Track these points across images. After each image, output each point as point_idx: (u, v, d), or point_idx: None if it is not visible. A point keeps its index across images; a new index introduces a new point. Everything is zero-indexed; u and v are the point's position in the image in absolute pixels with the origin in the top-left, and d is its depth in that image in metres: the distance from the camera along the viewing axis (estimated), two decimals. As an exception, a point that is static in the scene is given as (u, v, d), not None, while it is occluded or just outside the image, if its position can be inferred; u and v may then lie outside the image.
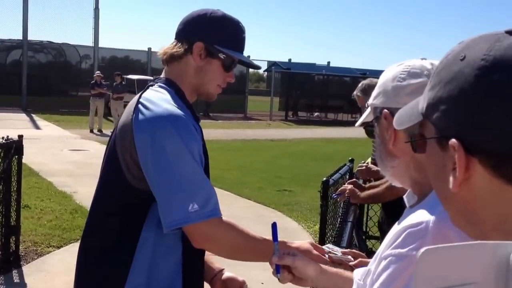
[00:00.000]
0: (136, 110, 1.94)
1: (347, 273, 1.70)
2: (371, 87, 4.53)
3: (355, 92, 4.83)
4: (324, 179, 4.25)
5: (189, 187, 1.87)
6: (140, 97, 2.01)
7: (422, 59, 1.41)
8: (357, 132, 25.57)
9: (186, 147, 1.87)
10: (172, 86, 2.06)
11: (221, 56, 2.07)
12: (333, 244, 2.33)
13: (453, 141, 0.81)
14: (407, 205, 1.40)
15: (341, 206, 4.73)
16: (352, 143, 20.55)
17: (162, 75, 2.15)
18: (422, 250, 0.68)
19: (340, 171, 5.14)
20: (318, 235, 4.66)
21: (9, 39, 29.85)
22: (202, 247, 1.99)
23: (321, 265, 1.73)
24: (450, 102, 0.83)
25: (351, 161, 5.92)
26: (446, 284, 0.69)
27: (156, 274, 1.99)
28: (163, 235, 1.94)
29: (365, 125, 1.57)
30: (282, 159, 15.56)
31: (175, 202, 1.86)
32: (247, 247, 2.01)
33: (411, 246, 1.17)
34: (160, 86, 2.06)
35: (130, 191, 1.97)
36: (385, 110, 1.36)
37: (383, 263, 1.21)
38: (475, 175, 0.81)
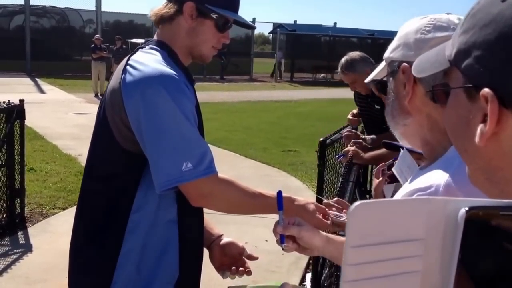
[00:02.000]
0: (124, 71, 1.89)
1: None
2: (355, 61, 4.45)
3: (339, 71, 4.68)
4: (321, 139, 4.23)
5: (182, 146, 1.84)
6: (128, 59, 1.95)
7: (448, 13, 1.33)
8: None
9: (178, 106, 1.83)
10: (164, 48, 2.01)
11: (214, 16, 2.00)
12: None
13: (486, 90, 0.73)
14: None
15: (343, 165, 4.71)
16: (358, 104, 20.46)
17: (154, 37, 2.08)
18: (355, 204, 0.62)
19: (341, 131, 5.11)
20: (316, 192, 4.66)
21: (12, 4, 29.63)
22: (199, 204, 1.96)
23: (328, 235, 1.70)
24: (486, 48, 0.74)
25: (354, 120, 5.87)
26: (383, 239, 0.64)
27: (151, 235, 1.98)
28: (157, 197, 1.92)
29: (376, 81, 1.49)
30: (287, 120, 15.53)
31: (167, 161, 1.83)
32: (246, 202, 1.99)
33: None
34: (151, 48, 2.00)
35: (122, 155, 1.94)
36: (404, 64, 1.27)
37: None
38: (506, 129, 0.74)
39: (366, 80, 1.54)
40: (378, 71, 1.45)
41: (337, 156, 4.50)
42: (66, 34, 31.10)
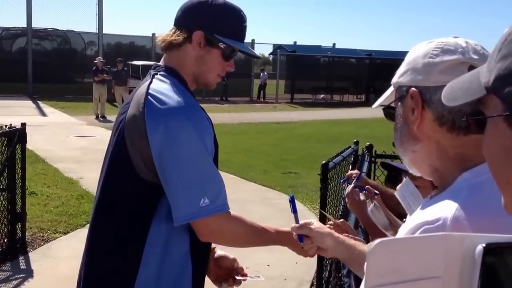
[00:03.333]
0: (147, 102, 1.91)
1: (362, 246, 1.70)
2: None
3: None
4: (324, 162, 4.22)
5: (202, 182, 1.89)
6: (148, 88, 1.96)
7: (454, 37, 1.31)
8: (362, 113, 25.52)
9: (201, 140, 1.88)
10: (175, 75, 2.03)
11: (221, 45, 2.04)
12: None
13: None
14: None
15: (345, 187, 4.70)
16: (358, 124, 20.50)
17: (162, 62, 2.11)
18: (376, 242, 0.62)
19: (342, 154, 5.10)
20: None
21: (14, 27, 29.77)
22: (208, 240, 2.01)
23: (339, 236, 1.77)
24: None
25: (356, 143, 5.87)
26: (402, 278, 0.64)
27: (166, 266, 1.99)
28: (172, 227, 1.94)
29: (384, 106, 1.46)
30: (287, 142, 15.53)
31: (187, 197, 1.87)
32: (251, 240, 2.08)
33: None
34: (164, 76, 2.02)
35: (139, 183, 1.95)
36: (413, 89, 1.26)
37: None
38: None
39: (374, 106, 1.52)
40: (386, 96, 1.43)
41: (341, 181, 4.51)
42: (68, 56, 31.25)
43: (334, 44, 41.26)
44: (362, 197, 2.97)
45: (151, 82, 2.00)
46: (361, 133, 8.42)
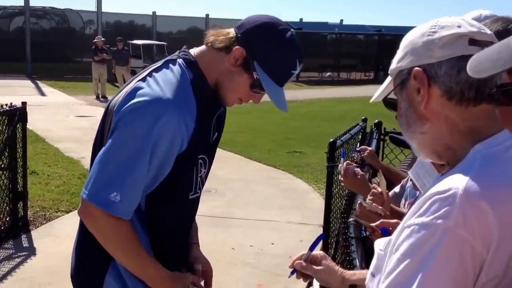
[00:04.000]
0: (139, 82, 1.86)
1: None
2: None
3: None
4: (331, 139, 4.16)
5: (124, 179, 1.79)
6: (152, 71, 1.90)
7: (448, 17, 1.33)
8: (370, 91, 25.25)
9: (153, 145, 1.78)
10: (193, 70, 1.92)
11: (255, 75, 1.90)
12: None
13: None
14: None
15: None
16: (365, 102, 20.26)
17: (193, 52, 1.98)
18: None
19: (350, 132, 5.01)
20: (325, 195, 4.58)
21: (12, 6, 29.59)
22: (83, 220, 1.93)
23: (343, 274, 1.71)
24: None
25: (364, 120, 5.76)
26: None
27: None
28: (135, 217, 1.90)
29: (386, 98, 1.46)
30: (292, 121, 15.38)
31: (105, 180, 1.80)
32: (130, 258, 1.92)
33: (436, 214, 1.08)
34: (180, 66, 1.92)
35: None
36: (417, 68, 1.25)
37: (405, 232, 1.13)
38: None
39: (373, 100, 1.49)
40: (383, 88, 1.42)
41: (354, 152, 4.43)
42: (66, 35, 31.03)
43: (341, 21, 40.40)
44: (359, 171, 2.85)
45: (159, 67, 1.93)
46: (369, 111, 8.30)
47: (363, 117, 5.84)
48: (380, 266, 1.24)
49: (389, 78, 1.39)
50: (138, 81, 1.87)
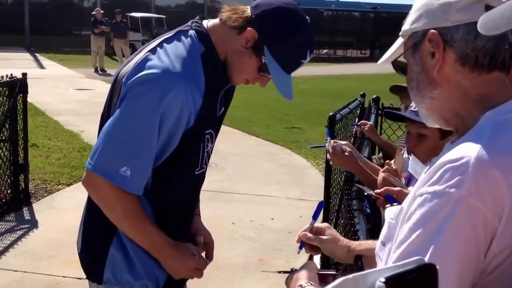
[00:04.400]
0: (149, 53, 1.84)
1: (376, 243, 1.62)
2: None
3: None
4: (331, 113, 4.18)
5: (134, 152, 1.79)
6: (162, 41, 1.88)
7: None
8: (367, 68, 25.38)
9: (162, 118, 1.77)
10: (205, 43, 1.90)
11: (263, 59, 1.88)
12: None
13: None
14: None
15: (352, 142, 4.66)
16: (362, 80, 20.39)
17: (205, 24, 1.95)
18: None
19: (349, 106, 5.03)
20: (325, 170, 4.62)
21: (10, -22, 29.36)
22: (88, 191, 1.92)
23: (349, 244, 1.70)
24: None
25: (363, 95, 5.79)
26: None
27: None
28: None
29: (396, 61, 1.41)
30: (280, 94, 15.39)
31: (115, 153, 1.80)
32: (133, 226, 1.93)
33: (449, 183, 1.06)
34: (191, 37, 1.89)
35: None
36: (432, 31, 1.22)
37: (418, 200, 1.11)
38: None
39: (381, 61, 1.44)
40: (394, 49, 1.38)
41: (354, 124, 4.46)
42: (65, 8, 30.81)
43: (338, -3, 40.37)
44: (346, 148, 2.82)
45: (171, 37, 1.90)
46: (365, 88, 8.28)
47: (361, 92, 5.87)
48: (391, 235, 1.23)
49: (399, 40, 1.35)
50: (148, 51, 1.85)
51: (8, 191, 5.86)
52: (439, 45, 1.21)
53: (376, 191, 2.17)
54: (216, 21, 1.95)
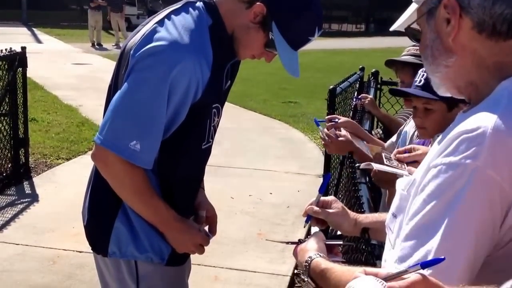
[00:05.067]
0: (156, 25, 1.81)
1: (383, 216, 1.59)
2: None
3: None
4: (331, 87, 4.20)
5: (143, 126, 1.79)
6: (170, 12, 1.86)
7: None
8: (362, 43, 25.26)
9: (170, 91, 1.76)
10: (213, 15, 1.87)
11: (270, 35, 1.86)
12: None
13: None
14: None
15: (351, 116, 4.68)
16: (357, 54, 20.33)
17: None
18: None
19: (349, 80, 5.05)
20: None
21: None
22: (97, 165, 1.93)
23: (356, 217, 1.69)
24: None
25: (362, 69, 5.79)
26: None
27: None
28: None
29: (410, 27, 1.37)
30: (286, 71, 15.37)
31: (123, 127, 1.79)
32: (142, 200, 1.93)
33: (465, 154, 1.04)
34: (198, 9, 1.87)
35: None
36: None
37: (432, 171, 1.08)
38: None
39: (394, 27, 1.40)
40: (407, 17, 1.33)
41: (354, 98, 4.47)
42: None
43: (333, -29, 40.27)
44: (340, 133, 2.77)
45: (179, 9, 1.88)
46: (361, 63, 8.26)
47: (360, 66, 5.88)
48: (403, 206, 1.20)
49: (413, 6, 1.30)
50: (156, 23, 1.82)
51: (9, 165, 5.90)
52: (456, 12, 1.17)
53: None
54: None
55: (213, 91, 1.90)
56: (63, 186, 5.78)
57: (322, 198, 1.73)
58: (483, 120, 1.06)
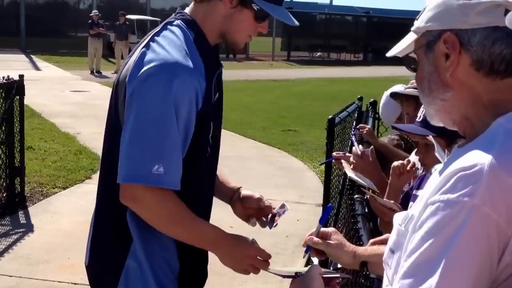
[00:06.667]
0: (143, 50, 1.82)
1: (382, 248, 1.56)
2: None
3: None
4: (330, 116, 4.19)
5: (159, 147, 1.75)
6: (153, 35, 1.87)
7: None
8: (360, 72, 25.45)
9: (175, 106, 1.74)
10: (193, 28, 1.91)
11: (255, 7, 1.90)
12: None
13: None
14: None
15: (350, 144, 4.66)
16: (356, 83, 20.41)
17: (188, 10, 1.97)
18: None
19: (347, 109, 5.05)
20: (324, 175, 4.61)
21: (6, -21, 29.37)
22: (127, 205, 1.84)
23: (355, 250, 1.69)
24: None
25: (360, 99, 5.80)
26: None
27: (148, 232, 1.90)
28: None
29: (407, 56, 1.37)
30: (285, 99, 15.41)
31: (140, 156, 1.74)
32: (182, 228, 1.87)
33: (462, 192, 1.05)
34: (178, 26, 1.90)
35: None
36: (449, 33, 1.19)
37: (430, 209, 1.09)
38: None
39: (389, 54, 1.38)
40: (405, 46, 1.33)
41: (353, 128, 4.47)
42: (61, 10, 30.86)
43: (331, 1, 41.07)
44: (373, 155, 2.86)
45: (160, 30, 1.90)
46: (359, 91, 8.30)
47: (359, 96, 5.86)
48: (400, 242, 1.22)
49: (411, 36, 1.30)
50: (142, 48, 1.84)
51: (4, 195, 5.81)
52: (455, 48, 1.18)
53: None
54: (192, 4, 1.98)
55: (210, 100, 1.89)
56: (59, 216, 5.69)
57: (322, 229, 1.73)
58: (480, 158, 1.07)
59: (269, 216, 2.19)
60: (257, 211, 2.21)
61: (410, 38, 1.31)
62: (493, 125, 1.15)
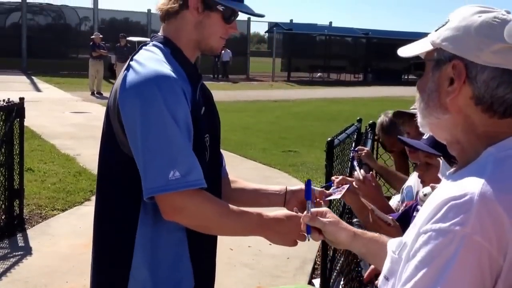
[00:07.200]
0: (125, 73, 1.86)
1: (383, 238, 1.61)
2: (393, 123, 4.34)
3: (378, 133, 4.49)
4: (329, 139, 4.18)
5: (171, 154, 1.76)
6: (131, 59, 1.92)
7: (507, 12, 1.24)
8: (360, 92, 25.53)
9: (169, 111, 1.77)
10: (168, 45, 1.97)
11: (220, 8, 1.96)
12: None
13: None
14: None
15: (349, 166, 4.64)
16: (355, 103, 20.44)
17: (160, 33, 2.04)
18: None
19: (346, 131, 5.03)
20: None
21: (8, 2, 29.57)
22: (173, 219, 1.84)
23: (355, 230, 1.68)
24: None
25: (359, 121, 5.78)
26: None
27: (160, 250, 1.93)
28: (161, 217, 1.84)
29: (415, 58, 1.36)
30: (286, 120, 15.43)
31: (155, 168, 1.76)
32: (230, 224, 1.89)
33: (453, 221, 1.07)
34: (154, 45, 1.97)
35: (124, 160, 1.86)
36: (459, 61, 1.20)
37: (422, 238, 1.11)
38: None
39: (400, 52, 1.36)
40: (417, 51, 1.32)
41: (352, 150, 4.46)
42: (62, 32, 31.06)
43: (330, 23, 41.37)
44: (376, 181, 2.86)
45: (136, 52, 1.95)
46: (359, 112, 8.34)
47: (358, 118, 5.86)
48: (394, 269, 1.23)
49: (426, 44, 1.29)
50: (124, 71, 1.88)
51: (2, 217, 5.77)
52: (461, 77, 1.20)
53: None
54: (163, 25, 2.03)
55: (198, 105, 1.92)
56: (58, 238, 5.65)
57: (315, 209, 1.74)
58: (470, 187, 1.09)
59: (325, 198, 2.20)
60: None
61: (425, 45, 1.30)
62: (484, 154, 1.18)
